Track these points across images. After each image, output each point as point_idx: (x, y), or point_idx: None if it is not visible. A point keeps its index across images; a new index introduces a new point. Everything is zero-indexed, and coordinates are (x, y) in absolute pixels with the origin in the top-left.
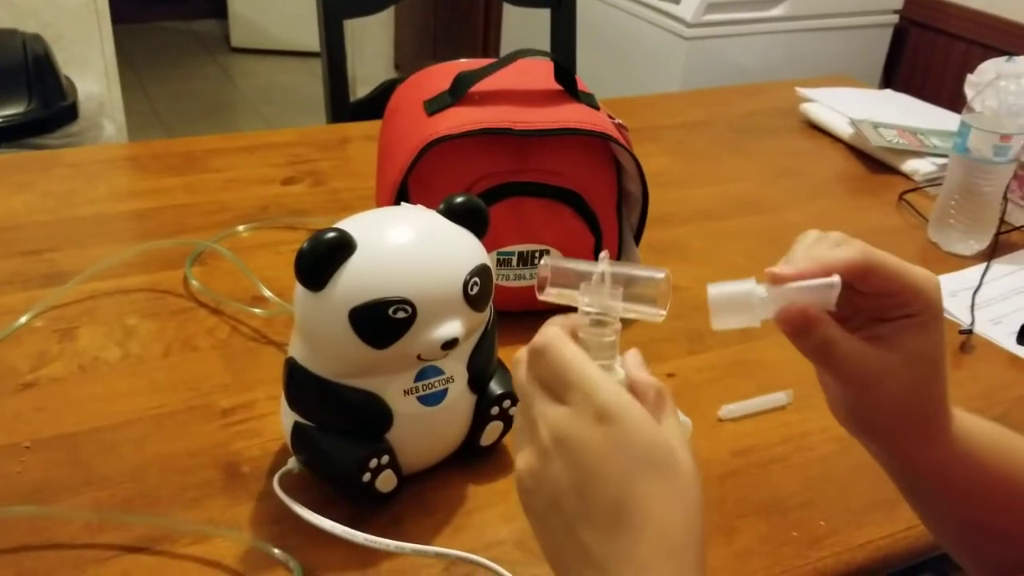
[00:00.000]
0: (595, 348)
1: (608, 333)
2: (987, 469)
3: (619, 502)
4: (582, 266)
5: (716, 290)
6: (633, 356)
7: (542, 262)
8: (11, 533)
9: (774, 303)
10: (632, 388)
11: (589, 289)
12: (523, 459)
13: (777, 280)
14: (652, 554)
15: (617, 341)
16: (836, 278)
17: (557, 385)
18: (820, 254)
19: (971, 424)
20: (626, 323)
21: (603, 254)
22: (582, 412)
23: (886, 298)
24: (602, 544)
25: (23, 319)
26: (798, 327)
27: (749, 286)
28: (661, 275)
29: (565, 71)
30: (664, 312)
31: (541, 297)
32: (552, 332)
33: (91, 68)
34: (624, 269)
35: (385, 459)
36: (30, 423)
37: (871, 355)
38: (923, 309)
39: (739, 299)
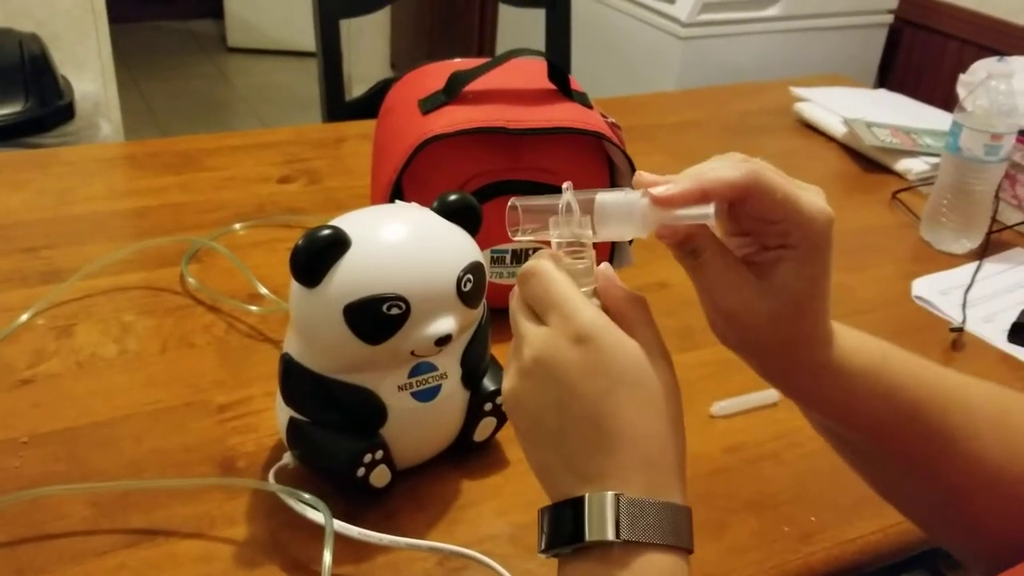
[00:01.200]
0: (575, 275)
1: (582, 260)
2: (862, 390)
3: (595, 418)
4: (550, 200)
5: (603, 196)
6: (606, 272)
7: (510, 203)
8: (9, 527)
9: (656, 220)
10: (608, 305)
11: (558, 222)
12: (508, 378)
13: (657, 202)
14: (628, 466)
15: (592, 266)
16: (711, 208)
17: (540, 306)
18: (702, 172)
19: (851, 346)
20: None
21: (566, 184)
22: (561, 333)
23: (768, 225)
24: (582, 458)
25: (23, 318)
26: (674, 239)
27: (635, 197)
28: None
29: (558, 70)
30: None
31: (513, 237)
32: (539, 258)
33: (87, 67)
34: (589, 194)
35: (379, 454)
36: (28, 419)
37: (740, 279)
38: (802, 243)
39: (623, 209)
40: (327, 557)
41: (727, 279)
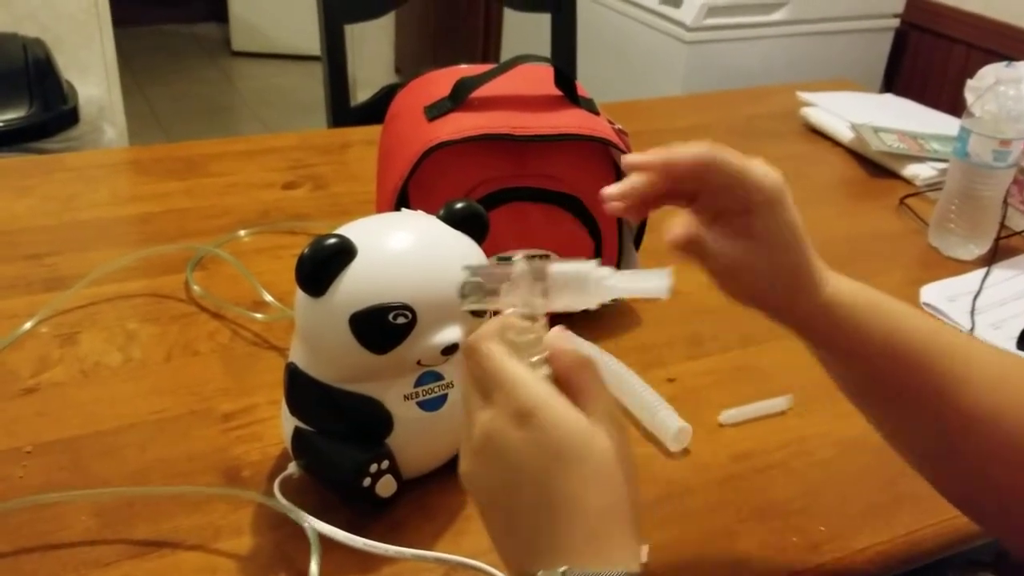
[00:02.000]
0: (523, 347)
1: (533, 330)
2: (861, 328)
3: (542, 497)
4: (504, 268)
5: (558, 267)
6: (556, 337)
7: (463, 268)
8: (12, 537)
9: (608, 293)
10: (557, 371)
11: (509, 289)
12: (462, 459)
13: (626, 167)
14: (577, 539)
15: (542, 336)
16: (665, 283)
17: (484, 384)
18: (670, 148)
19: (847, 289)
20: (626, 328)
21: (518, 256)
22: (503, 411)
23: (731, 191)
24: (533, 535)
25: (27, 325)
26: (682, 249)
27: (588, 268)
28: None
29: (565, 76)
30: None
31: (462, 307)
32: (480, 332)
33: (92, 72)
34: (545, 265)
35: (385, 464)
36: (32, 427)
37: (730, 245)
38: (761, 200)
39: (576, 280)
40: (313, 567)
41: (720, 249)
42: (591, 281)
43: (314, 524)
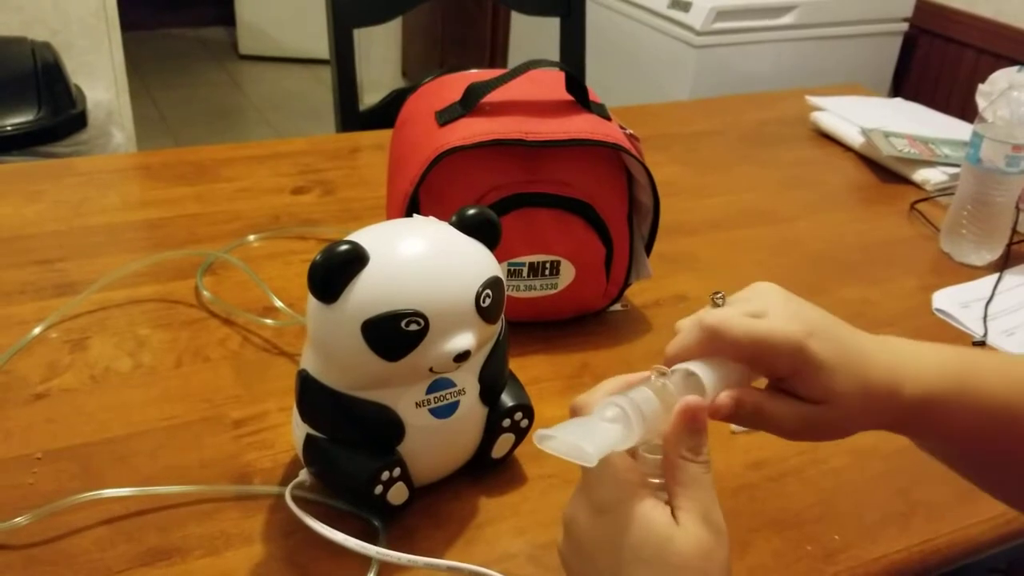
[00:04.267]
0: (650, 466)
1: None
2: (956, 420)
3: None
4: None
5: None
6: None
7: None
8: (22, 545)
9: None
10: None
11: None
12: (563, 522)
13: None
14: None
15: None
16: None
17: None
18: (668, 350)
19: (932, 379)
20: (638, 334)
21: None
22: (585, 498)
23: (753, 364)
24: None
25: (36, 331)
26: (724, 416)
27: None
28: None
29: (577, 81)
30: None
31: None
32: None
33: (100, 76)
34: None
35: (397, 471)
36: (42, 434)
37: (789, 408)
38: (790, 370)
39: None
40: None
41: (782, 417)
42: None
43: (325, 532)
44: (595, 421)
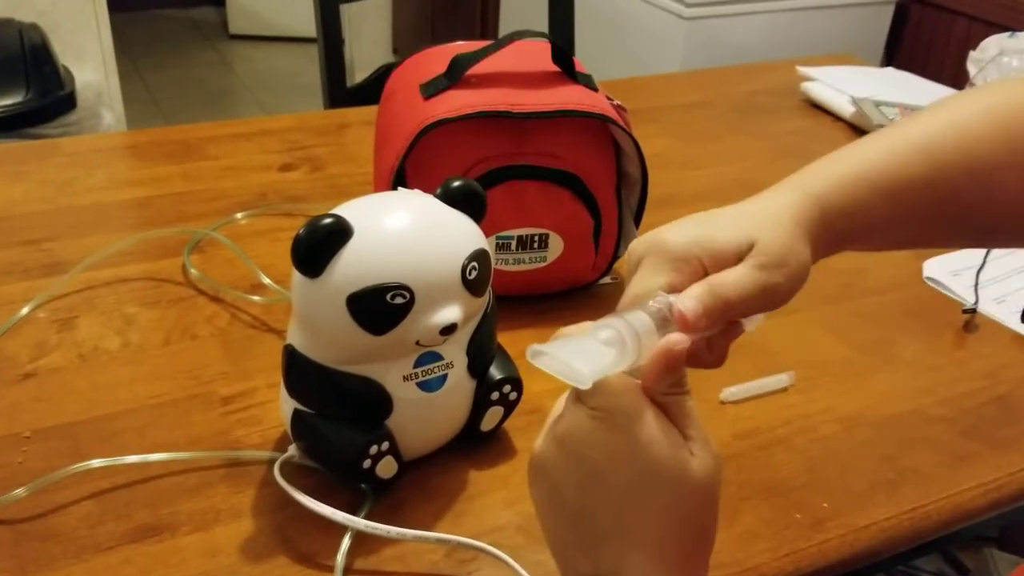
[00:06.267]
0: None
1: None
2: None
3: (618, 509)
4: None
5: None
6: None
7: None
8: (12, 523)
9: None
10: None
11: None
12: (539, 442)
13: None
14: (647, 568)
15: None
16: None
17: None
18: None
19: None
20: None
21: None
22: (600, 412)
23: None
24: (597, 544)
25: (24, 311)
26: (702, 327)
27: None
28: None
29: (563, 52)
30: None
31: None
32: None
33: (88, 57)
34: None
35: (385, 445)
36: (30, 413)
37: (747, 278)
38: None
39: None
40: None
41: (753, 292)
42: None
43: (314, 506)
44: (590, 341)
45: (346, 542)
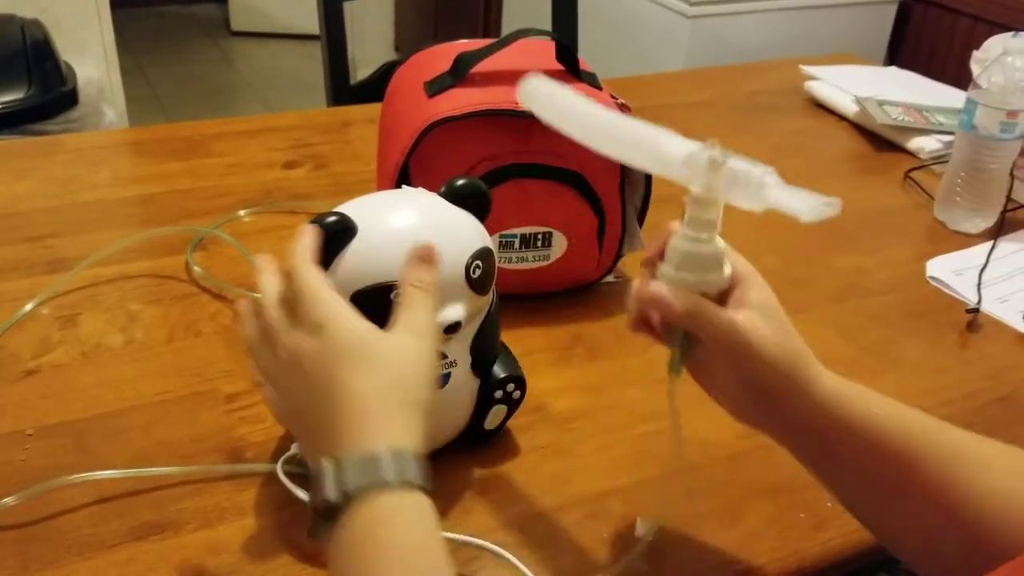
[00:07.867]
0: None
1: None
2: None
3: (325, 395)
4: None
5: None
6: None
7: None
8: (16, 521)
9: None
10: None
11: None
12: (268, 376)
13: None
14: (348, 423)
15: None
16: (826, 201)
17: (291, 302)
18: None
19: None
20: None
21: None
22: (303, 327)
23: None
24: (321, 429)
25: (27, 307)
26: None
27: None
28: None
29: (567, 50)
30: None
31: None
32: (298, 252)
33: (90, 53)
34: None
35: None
36: (34, 410)
37: (729, 316)
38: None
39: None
40: None
41: (724, 324)
42: (753, 181)
43: None
44: None
45: None
